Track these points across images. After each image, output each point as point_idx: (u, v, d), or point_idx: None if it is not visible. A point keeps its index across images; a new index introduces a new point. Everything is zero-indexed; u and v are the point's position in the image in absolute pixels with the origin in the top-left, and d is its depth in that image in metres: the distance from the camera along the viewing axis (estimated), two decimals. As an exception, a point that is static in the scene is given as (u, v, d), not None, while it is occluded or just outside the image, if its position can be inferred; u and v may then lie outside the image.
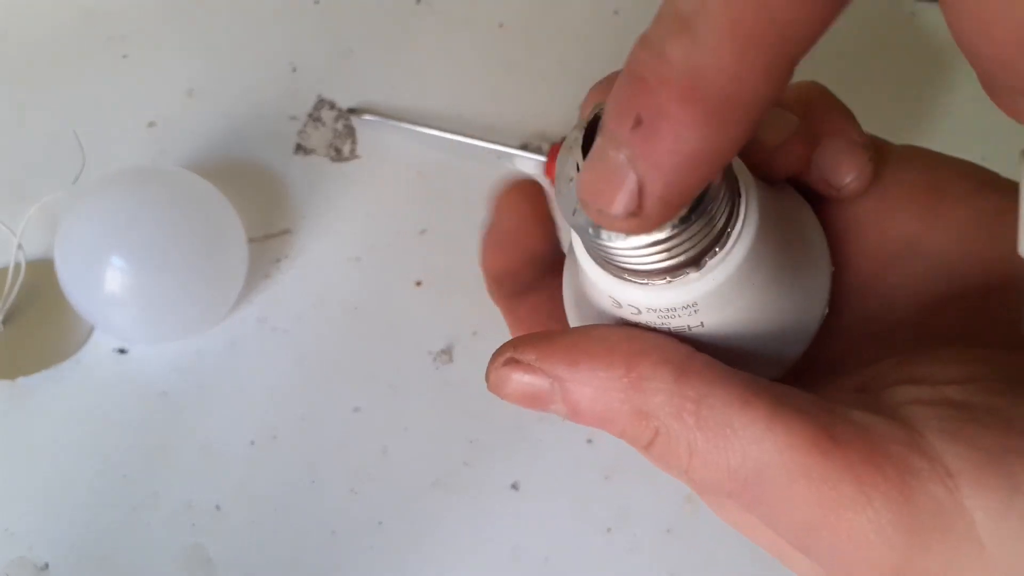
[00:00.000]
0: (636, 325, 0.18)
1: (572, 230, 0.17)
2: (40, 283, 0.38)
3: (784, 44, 0.12)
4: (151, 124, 0.42)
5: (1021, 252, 0.16)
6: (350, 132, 0.42)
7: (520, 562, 0.34)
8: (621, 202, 0.14)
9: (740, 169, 0.18)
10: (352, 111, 0.42)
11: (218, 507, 0.35)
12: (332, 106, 0.42)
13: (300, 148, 0.42)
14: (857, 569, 0.16)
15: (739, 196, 0.18)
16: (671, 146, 0.13)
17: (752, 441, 0.16)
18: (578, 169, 0.16)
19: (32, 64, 0.44)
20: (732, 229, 0.17)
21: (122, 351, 0.38)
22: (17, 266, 0.37)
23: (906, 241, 0.21)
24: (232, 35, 0.44)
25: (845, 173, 0.20)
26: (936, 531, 0.15)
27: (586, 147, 0.16)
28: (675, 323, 0.18)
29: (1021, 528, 0.15)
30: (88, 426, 0.36)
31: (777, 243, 0.18)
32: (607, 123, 0.14)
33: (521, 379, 0.18)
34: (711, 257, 0.17)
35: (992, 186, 0.21)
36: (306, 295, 0.38)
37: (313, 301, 0.38)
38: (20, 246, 0.37)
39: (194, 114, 0.42)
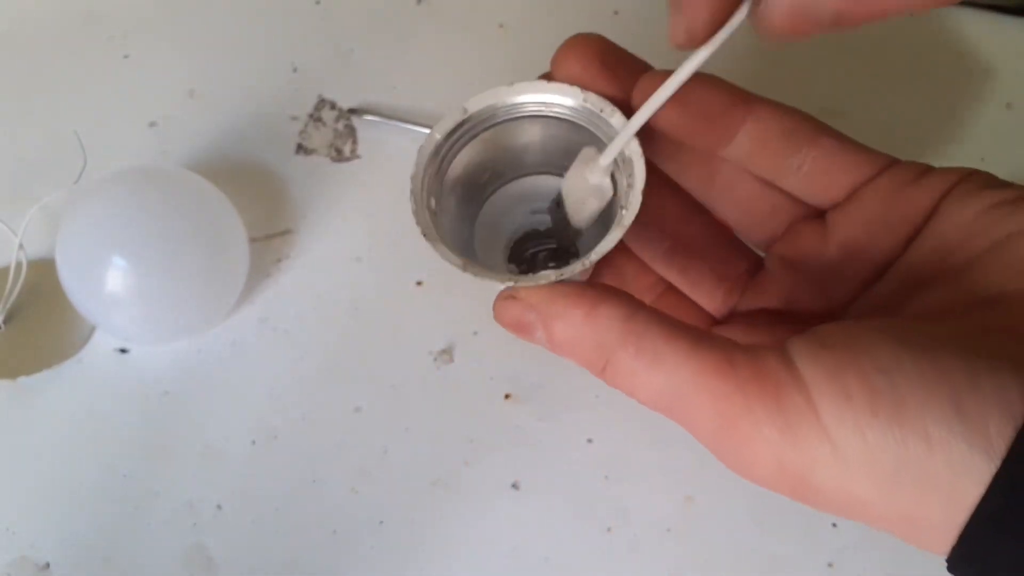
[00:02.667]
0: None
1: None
2: (41, 283, 0.38)
3: None
4: (152, 124, 0.42)
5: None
6: (351, 132, 0.42)
7: (520, 561, 0.34)
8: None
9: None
10: (353, 111, 0.42)
11: (219, 506, 0.35)
12: (333, 106, 0.42)
13: (301, 148, 0.42)
14: (753, 466, 0.21)
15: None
16: None
17: (674, 367, 0.21)
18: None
19: (33, 64, 0.44)
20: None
21: (123, 351, 0.38)
22: (18, 265, 0.37)
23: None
24: (233, 35, 0.44)
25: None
26: (800, 429, 0.20)
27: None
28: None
29: (855, 425, 0.19)
30: (89, 426, 0.36)
31: None
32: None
33: (513, 310, 0.24)
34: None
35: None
36: (307, 295, 0.38)
37: (314, 301, 0.38)
38: (21, 246, 0.38)
39: (195, 114, 0.42)
